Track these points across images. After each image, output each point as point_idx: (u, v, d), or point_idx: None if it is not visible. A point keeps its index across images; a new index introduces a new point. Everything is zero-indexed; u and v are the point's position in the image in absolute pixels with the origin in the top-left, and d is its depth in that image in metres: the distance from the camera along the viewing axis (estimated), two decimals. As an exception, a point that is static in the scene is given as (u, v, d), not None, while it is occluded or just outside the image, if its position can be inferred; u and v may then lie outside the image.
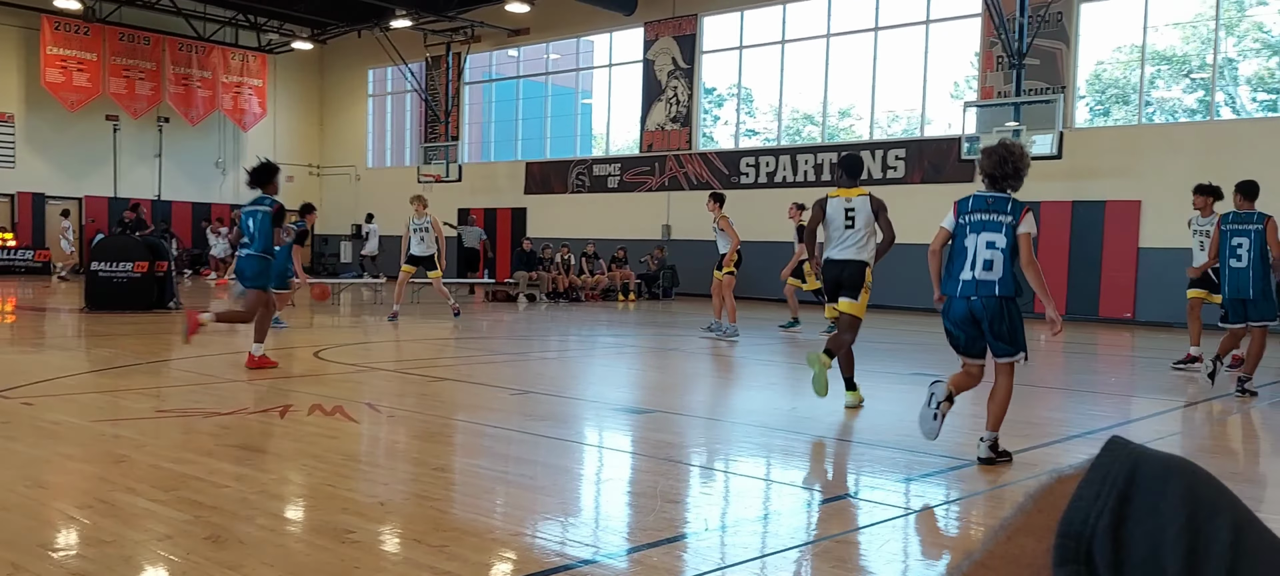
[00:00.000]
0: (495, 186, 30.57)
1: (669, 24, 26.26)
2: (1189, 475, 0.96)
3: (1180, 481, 0.95)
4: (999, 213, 5.59)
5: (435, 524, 4.14)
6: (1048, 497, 1.00)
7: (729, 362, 11.49)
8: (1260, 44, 19.95)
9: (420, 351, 12.03)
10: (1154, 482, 0.95)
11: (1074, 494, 0.97)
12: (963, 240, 5.72)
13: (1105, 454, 1.00)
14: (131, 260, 15.86)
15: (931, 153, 21.91)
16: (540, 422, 6.95)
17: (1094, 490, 0.96)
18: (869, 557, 4.03)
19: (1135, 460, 0.98)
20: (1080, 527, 0.94)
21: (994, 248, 5.56)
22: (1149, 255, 19.12)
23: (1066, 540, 0.94)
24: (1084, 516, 0.95)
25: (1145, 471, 0.96)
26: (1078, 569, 0.93)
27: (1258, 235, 9.11)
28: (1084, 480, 0.98)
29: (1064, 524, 0.95)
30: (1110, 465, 0.98)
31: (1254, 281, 9.05)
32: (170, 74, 30.82)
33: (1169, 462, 0.97)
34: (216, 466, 5.07)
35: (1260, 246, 9.09)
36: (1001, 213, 5.58)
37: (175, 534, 3.87)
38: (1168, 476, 0.96)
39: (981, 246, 5.59)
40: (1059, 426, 7.46)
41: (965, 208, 5.78)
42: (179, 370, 9.34)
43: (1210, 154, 18.53)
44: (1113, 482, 0.96)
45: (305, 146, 35.49)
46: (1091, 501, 0.96)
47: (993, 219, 5.59)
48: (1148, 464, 0.97)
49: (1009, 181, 5.63)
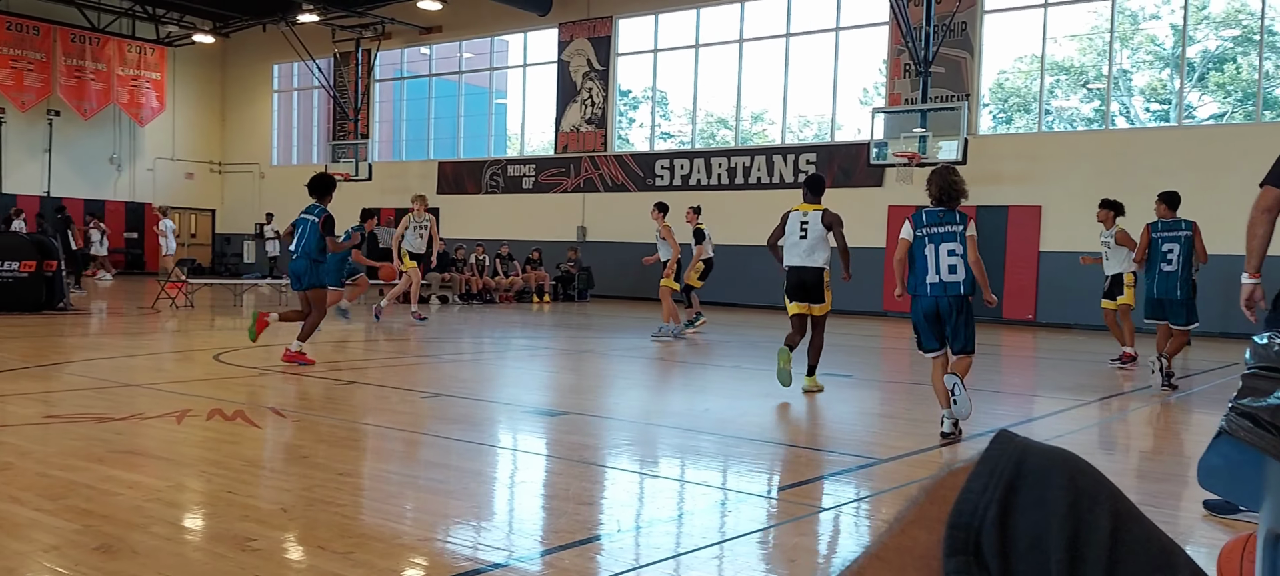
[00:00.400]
0: (406, 186, 30.14)
1: (584, 26, 26.21)
2: (1072, 467, 0.97)
3: (1063, 473, 0.96)
4: (951, 225, 6.59)
5: (341, 530, 4.03)
6: (939, 490, 1.00)
7: (644, 365, 11.48)
8: (1153, 56, 20.70)
9: (328, 354, 11.78)
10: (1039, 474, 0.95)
11: (963, 486, 0.97)
12: (922, 250, 6.62)
13: (993, 447, 1.00)
14: (18, 259, 15.22)
15: (842, 157, 22.24)
16: (452, 426, 6.85)
17: (982, 482, 0.96)
18: (781, 555, 4.03)
19: (1021, 453, 0.98)
20: (969, 519, 0.94)
21: (955, 254, 6.56)
22: (1049, 259, 19.69)
23: (956, 531, 0.94)
24: (973, 508, 0.95)
25: (1030, 464, 0.97)
26: (967, 559, 0.93)
27: (1187, 241, 9.85)
28: (973, 473, 0.98)
29: (954, 515, 0.95)
30: (998, 458, 0.98)
31: (1181, 285, 9.74)
32: (62, 65, 29.66)
33: (1052, 455, 0.98)
34: (109, 474, 4.87)
35: (1188, 252, 9.82)
36: (953, 224, 6.59)
37: (63, 544, 3.70)
38: (1051, 468, 0.96)
39: (944, 254, 6.56)
40: (964, 425, 7.60)
41: (920, 222, 6.69)
42: (71, 374, 8.99)
43: (1106, 161, 19.17)
44: (1000, 475, 0.96)
45: (206, 143, 34.55)
46: (980, 493, 0.96)
47: (949, 230, 6.58)
48: (1033, 456, 0.98)
49: (954, 200, 6.62)
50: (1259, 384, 1.20)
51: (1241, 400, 1.22)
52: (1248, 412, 1.19)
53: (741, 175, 23.75)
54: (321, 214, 10.10)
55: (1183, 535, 4.40)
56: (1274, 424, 1.14)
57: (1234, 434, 1.22)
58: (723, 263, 22.97)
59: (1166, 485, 5.58)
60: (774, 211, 23.49)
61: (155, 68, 31.97)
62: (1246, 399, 1.21)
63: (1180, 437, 7.73)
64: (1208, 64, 20.30)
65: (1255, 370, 1.23)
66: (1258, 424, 1.17)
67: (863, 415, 8.31)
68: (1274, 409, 1.15)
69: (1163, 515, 4.63)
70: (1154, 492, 5.33)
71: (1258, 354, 1.25)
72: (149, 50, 31.65)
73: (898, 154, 19.71)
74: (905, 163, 19.57)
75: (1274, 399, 1.16)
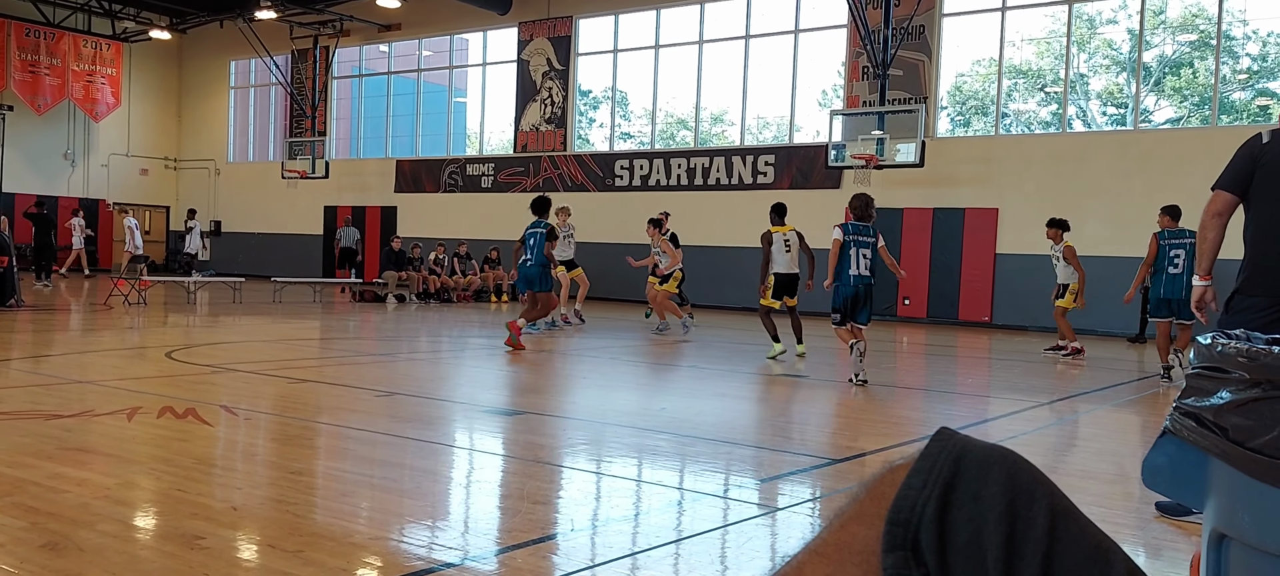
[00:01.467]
0: (364, 184, 29.93)
1: (544, 25, 26.15)
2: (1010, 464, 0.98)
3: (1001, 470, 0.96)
4: (867, 235, 9.71)
5: (292, 528, 3.98)
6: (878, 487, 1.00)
7: (600, 365, 11.47)
8: (1109, 61, 21.01)
9: (281, 353, 11.65)
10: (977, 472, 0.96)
11: (903, 483, 0.97)
12: (848, 251, 9.61)
13: (933, 444, 1.01)
14: (-31, 255, 14.95)
15: (800, 159, 22.35)
16: (406, 424, 6.80)
17: (921, 479, 0.97)
18: (734, 553, 4.04)
19: (960, 450, 0.99)
20: (908, 515, 0.95)
21: (869, 256, 9.67)
22: (1005, 261, 19.91)
23: (895, 527, 0.95)
24: (912, 504, 0.95)
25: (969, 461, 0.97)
26: (904, 554, 0.93)
27: (1191, 247, 10.80)
28: (913, 469, 0.99)
29: (893, 511, 0.96)
30: (938, 455, 0.99)
31: (1187, 286, 10.60)
32: (16, 60, 29.18)
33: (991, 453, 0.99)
34: (57, 471, 4.78)
35: (1191, 256, 10.74)
36: (869, 235, 9.72)
37: (8, 542, 3.63)
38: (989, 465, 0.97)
39: (862, 256, 9.62)
40: (917, 426, 7.67)
41: (848, 231, 9.66)
42: (20, 371, 8.83)
43: (1062, 164, 19.41)
44: (939, 472, 0.97)
45: (161, 139, 34.10)
46: (919, 490, 0.96)
47: (866, 239, 9.69)
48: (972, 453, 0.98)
49: (869, 218, 9.82)
50: (1203, 384, 1.22)
51: (1186, 400, 1.23)
52: (1191, 412, 1.21)
53: (701, 176, 23.80)
54: (547, 227, 12.35)
55: (1132, 536, 4.46)
56: (1217, 424, 1.15)
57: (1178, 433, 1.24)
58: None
59: (1118, 485, 5.65)
60: (733, 212, 23.59)
61: (111, 63, 31.52)
62: (1190, 399, 1.23)
63: (1133, 437, 7.84)
64: (1164, 68, 20.62)
65: (1199, 370, 1.25)
66: (1201, 423, 1.18)
67: (818, 415, 8.35)
68: (1217, 409, 1.16)
69: (1113, 516, 4.69)
70: (1104, 494, 5.39)
71: (1202, 354, 1.26)
72: (105, 46, 31.19)
73: (856, 156, 19.85)
74: (863, 165, 19.71)
75: (1217, 399, 1.17)
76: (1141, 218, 18.17)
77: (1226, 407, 1.15)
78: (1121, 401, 9.55)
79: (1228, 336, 1.24)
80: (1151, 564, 4.10)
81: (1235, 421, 1.13)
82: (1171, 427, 1.25)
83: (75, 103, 30.85)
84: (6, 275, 15.41)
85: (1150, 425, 8.16)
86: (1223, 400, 1.16)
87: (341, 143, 31.37)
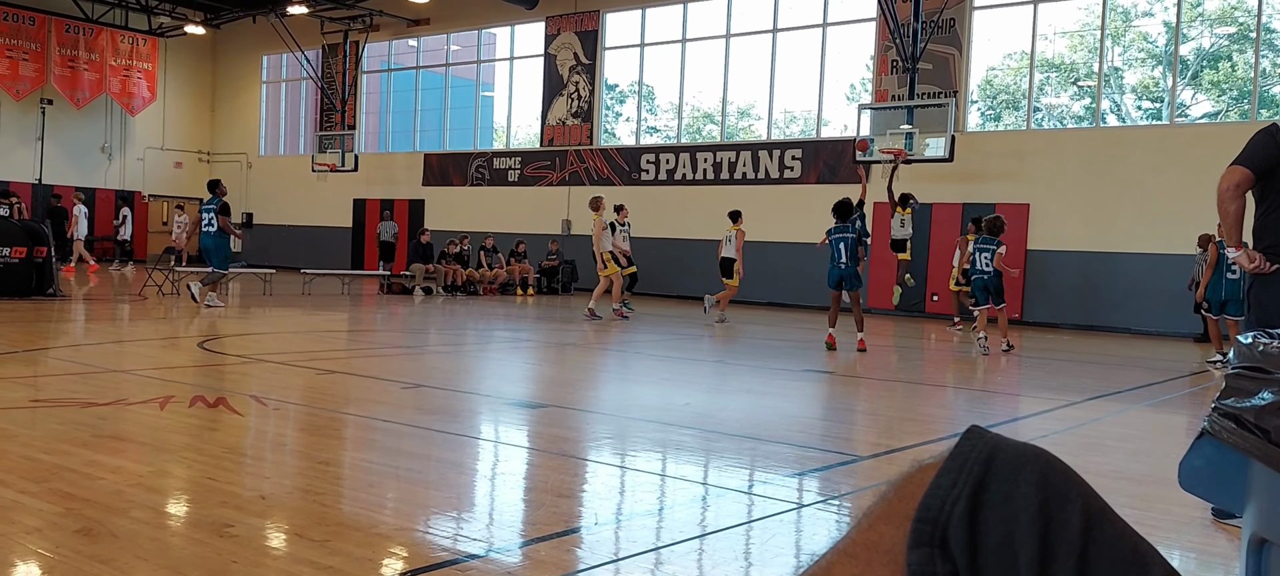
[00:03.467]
0: (392, 177, 30.08)
1: (571, 19, 26.16)
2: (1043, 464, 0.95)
3: (1034, 470, 0.94)
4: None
5: (319, 518, 4.00)
6: (907, 486, 0.98)
7: (625, 359, 11.47)
8: (1145, 54, 20.76)
9: (310, 344, 11.73)
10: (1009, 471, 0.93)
11: (932, 482, 0.95)
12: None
13: (964, 442, 0.98)
14: (9, 245, 15.14)
15: (827, 153, 22.25)
16: (432, 417, 6.82)
17: (951, 478, 0.94)
18: (759, 549, 4.02)
19: (992, 449, 0.96)
20: (937, 513, 0.92)
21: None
22: (1036, 257, 19.74)
23: (922, 525, 0.92)
24: (941, 503, 0.93)
25: (1001, 459, 0.95)
26: (931, 551, 0.91)
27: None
28: (942, 469, 0.96)
29: (921, 509, 0.93)
30: (968, 454, 0.96)
31: (1241, 287, 11.41)
32: (56, 55, 29.62)
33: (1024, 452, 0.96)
34: (92, 458, 4.83)
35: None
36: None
37: (45, 526, 3.67)
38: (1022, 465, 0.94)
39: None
40: (945, 424, 7.62)
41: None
42: (57, 360, 8.94)
43: (1095, 158, 19.22)
44: (970, 471, 0.94)
45: (195, 132, 34.43)
46: (948, 488, 0.94)
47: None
48: (1004, 453, 0.96)
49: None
50: (1243, 384, 1.19)
51: (1225, 401, 1.21)
52: (1231, 413, 1.18)
53: (727, 170, 23.74)
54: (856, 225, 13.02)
55: (1167, 539, 4.41)
56: (1258, 426, 1.12)
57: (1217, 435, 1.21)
58: (690, 259, 22.99)
59: (1151, 488, 5.58)
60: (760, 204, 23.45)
61: (147, 58, 31.91)
62: (1230, 399, 1.20)
63: (1169, 438, 7.75)
64: (1202, 62, 20.34)
65: (1239, 370, 1.22)
66: (1241, 425, 1.15)
67: (845, 411, 8.31)
68: (1258, 410, 1.13)
69: (1150, 518, 4.63)
70: (1139, 496, 5.33)
71: (1242, 354, 1.24)
72: (141, 41, 31.57)
73: (884, 150, 19.72)
74: (891, 160, 19.59)
75: (1258, 400, 1.14)
76: (1176, 213, 17.97)
77: (1268, 409, 1.12)
78: (1156, 401, 9.45)
79: (1269, 336, 1.21)
80: (1190, 569, 4.05)
81: (1277, 424, 1.11)
82: (1210, 429, 1.22)
83: (112, 97, 31.25)
84: (44, 265, 15.60)
85: (1188, 426, 8.07)
86: (1264, 401, 1.14)
87: (370, 136, 31.54)
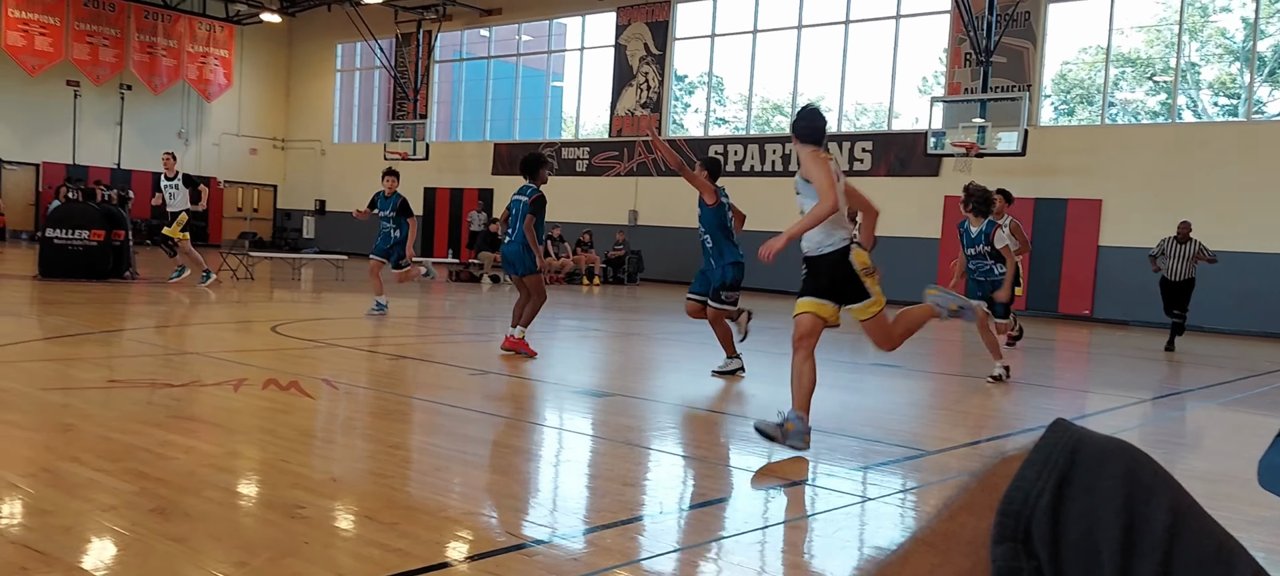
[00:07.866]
0: (462, 166, 30.38)
1: (642, 10, 26.18)
2: (1129, 458, 0.94)
3: (1119, 464, 0.93)
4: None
5: (388, 501, 4.09)
6: (990, 477, 0.98)
7: (691, 349, 11.48)
8: (1222, 50, 20.21)
9: (379, 329, 11.93)
10: (1094, 465, 0.93)
11: (1016, 474, 0.95)
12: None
13: (1049, 435, 0.98)
14: (88, 228, 15.61)
15: (898, 146, 22.02)
16: (500, 403, 6.92)
17: (1035, 471, 0.94)
18: (822, 542, 4.03)
19: (1077, 442, 0.96)
20: (1020, 507, 0.92)
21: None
22: (1108, 254, 19.36)
23: (1006, 518, 0.92)
24: (1024, 496, 0.93)
25: (1085, 453, 0.94)
26: (1015, 546, 0.91)
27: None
28: (1026, 461, 0.96)
29: (1005, 502, 0.93)
30: (1052, 447, 0.96)
31: None
32: (135, 42, 30.37)
33: (1109, 445, 0.95)
34: (166, 438, 4.99)
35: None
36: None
37: (120, 505, 3.80)
38: (1106, 459, 0.94)
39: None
40: (1013, 418, 7.53)
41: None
42: (133, 341, 9.21)
43: (1171, 155, 18.78)
44: (1054, 463, 0.94)
45: (270, 119, 35.09)
46: (1032, 481, 0.94)
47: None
48: (1089, 446, 0.95)
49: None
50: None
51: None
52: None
53: (796, 162, 23.58)
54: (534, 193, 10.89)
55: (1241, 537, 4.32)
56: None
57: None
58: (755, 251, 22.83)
59: (1221, 485, 5.47)
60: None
61: (224, 45, 32.59)
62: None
63: (1241, 436, 7.58)
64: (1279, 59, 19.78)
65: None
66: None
67: (910, 406, 8.25)
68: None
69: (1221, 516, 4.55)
70: (1210, 493, 5.23)
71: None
72: (218, 28, 32.27)
73: (956, 144, 19.46)
74: (963, 153, 19.32)
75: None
76: (1252, 211, 17.50)
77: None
78: (1227, 399, 9.23)
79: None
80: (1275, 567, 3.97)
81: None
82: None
83: (189, 83, 31.97)
84: (122, 248, 16.05)
85: (1260, 423, 7.88)
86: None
87: (442, 125, 31.88)
